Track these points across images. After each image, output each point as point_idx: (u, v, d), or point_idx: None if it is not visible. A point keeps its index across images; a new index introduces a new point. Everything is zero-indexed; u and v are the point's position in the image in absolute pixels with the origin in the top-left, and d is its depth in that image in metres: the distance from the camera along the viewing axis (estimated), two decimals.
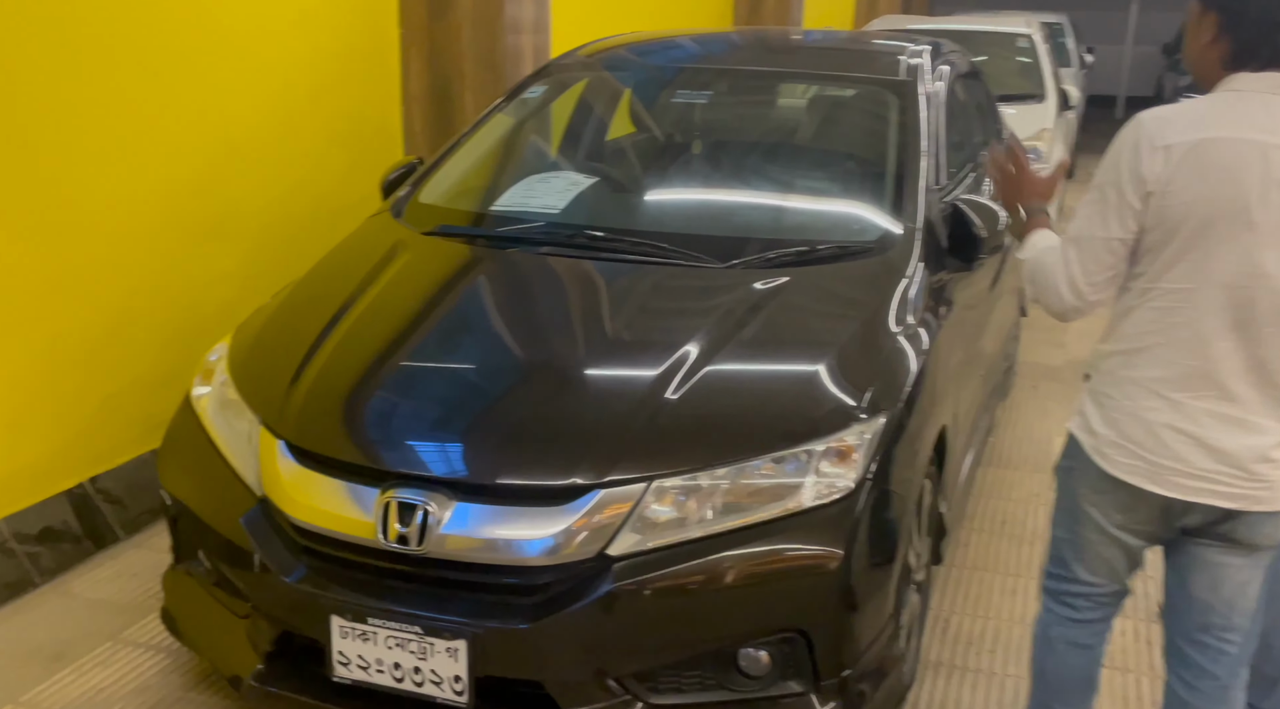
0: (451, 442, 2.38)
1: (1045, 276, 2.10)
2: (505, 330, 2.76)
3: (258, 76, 4.11)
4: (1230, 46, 1.99)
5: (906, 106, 3.41)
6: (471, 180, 3.57)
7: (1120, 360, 2.08)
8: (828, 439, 2.39)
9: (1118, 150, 2.02)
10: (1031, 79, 8.02)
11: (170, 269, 3.77)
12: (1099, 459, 2.11)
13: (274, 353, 2.71)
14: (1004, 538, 3.77)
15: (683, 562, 2.26)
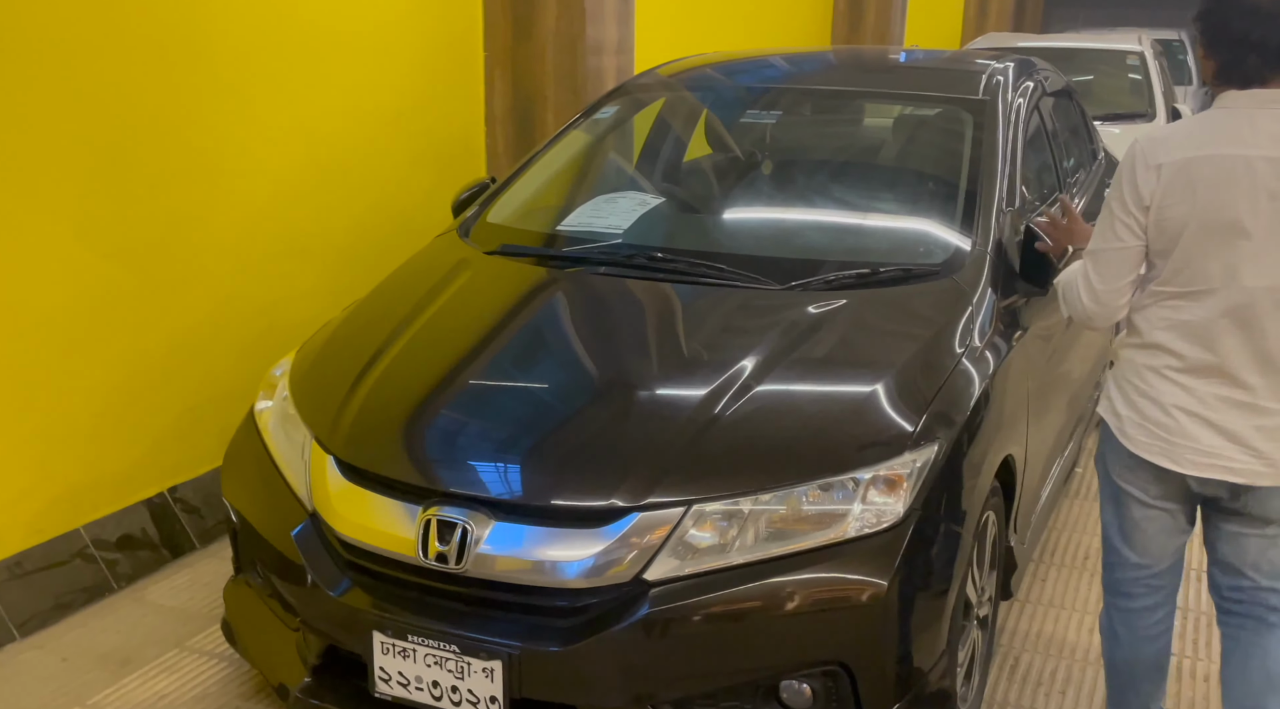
0: (493, 461, 2.38)
1: (1069, 291, 2.37)
2: (553, 350, 2.76)
3: (343, 97, 4.21)
4: (1215, 66, 2.20)
5: (982, 126, 3.32)
6: (540, 200, 3.59)
7: (1138, 350, 2.30)
8: (876, 467, 2.32)
9: (1121, 170, 2.23)
10: (1141, 97, 7.75)
11: (252, 285, 3.87)
12: (1123, 439, 2.33)
13: (331, 369, 2.75)
14: (1084, 573, 3.61)
15: (722, 588, 2.21)
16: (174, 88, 3.47)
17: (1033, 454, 3.11)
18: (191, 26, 3.51)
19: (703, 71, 4.03)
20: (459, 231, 3.39)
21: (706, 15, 7.37)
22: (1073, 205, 2.62)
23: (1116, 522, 2.42)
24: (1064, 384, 3.62)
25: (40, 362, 3.19)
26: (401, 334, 2.79)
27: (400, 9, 4.48)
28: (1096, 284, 2.27)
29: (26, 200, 3.08)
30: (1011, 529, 3.02)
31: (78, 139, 3.19)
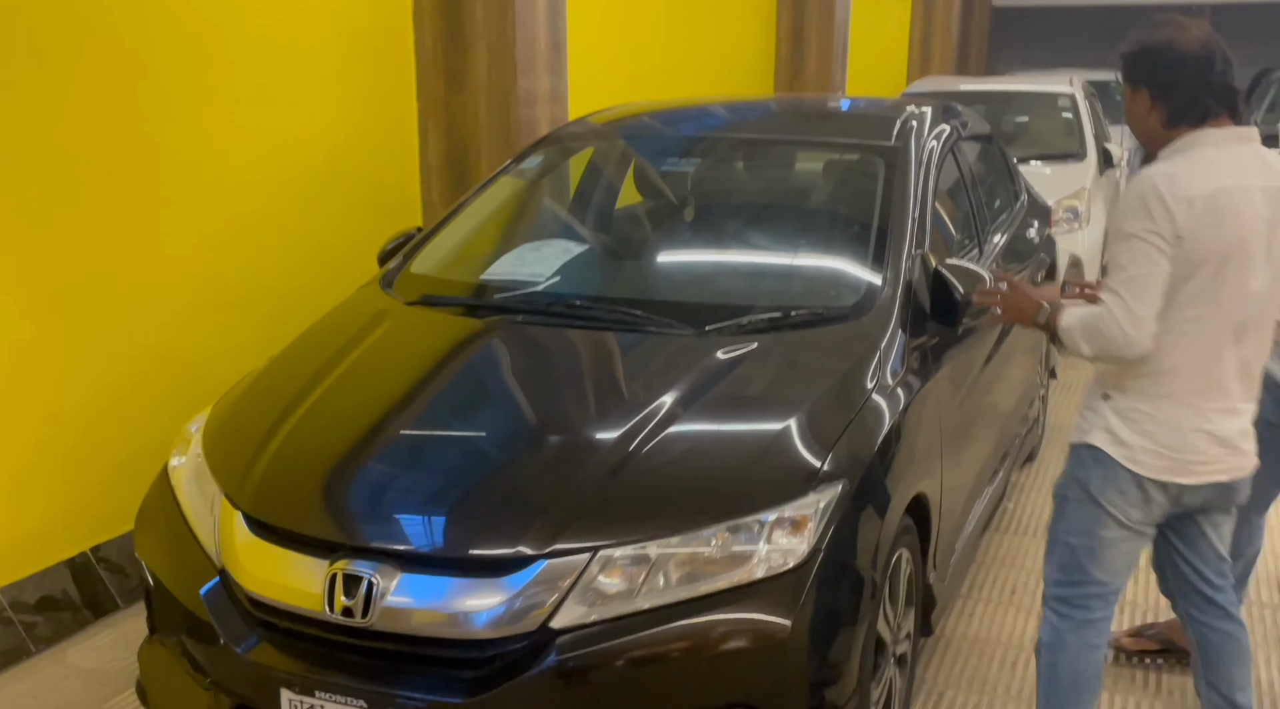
0: (399, 512, 2.38)
1: (1102, 326, 2.37)
2: (463, 400, 2.77)
3: (274, 148, 4.23)
4: (1166, 112, 2.40)
5: (894, 171, 3.39)
6: (465, 250, 3.62)
7: (1150, 381, 2.42)
8: (781, 508, 2.35)
9: (1143, 202, 2.32)
10: (1073, 138, 7.92)
11: (180, 339, 3.86)
12: (1131, 466, 2.46)
13: (243, 424, 2.75)
14: (1010, 608, 3.65)
15: (630, 634, 2.22)
16: (95, 140, 3.48)
17: (950, 491, 3.15)
18: (114, 77, 3.53)
19: (629, 120, 4.09)
20: (381, 282, 3.41)
21: (650, 64, 7.48)
22: (1013, 276, 2.78)
23: (1088, 543, 2.55)
24: (985, 421, 3.67)
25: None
26: (314, 388, 2.79)
27: (331, 61, 4.52)
28: (1138, 310, 2.33)
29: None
30: (930, 566, 3.05)
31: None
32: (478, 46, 4.95)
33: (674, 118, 4.15)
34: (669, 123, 4.09)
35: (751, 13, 9.47)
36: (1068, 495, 2.59)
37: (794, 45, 9.99)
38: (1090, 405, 2.56)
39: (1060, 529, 2.61)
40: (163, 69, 3.71)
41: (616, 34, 6.94)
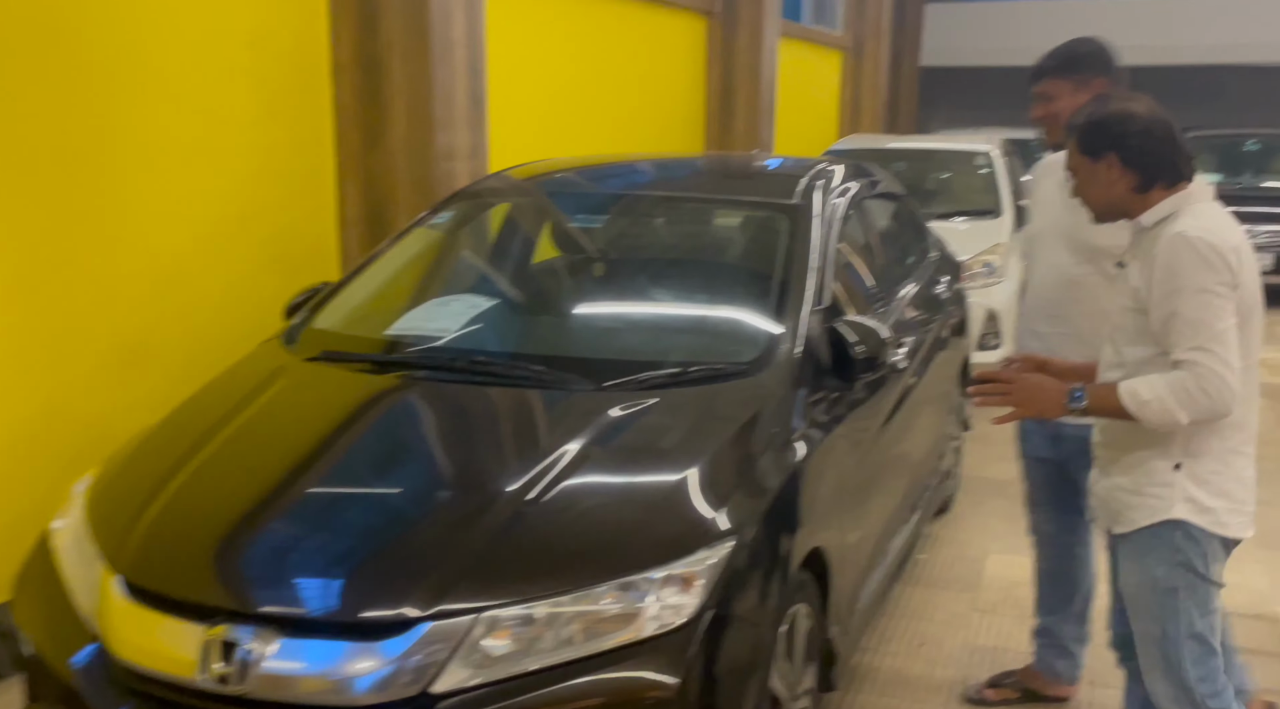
0: (280, 575, 2.34)
1: (1205, 385, 2.29)
2: (353, 459, 2.74)
3: (184, 202, 4.19)
4: (1140, 176, 2.43)
5: (795, 229, 3.44)
6: (372, 304, 3.60)
7: (1218, 438, 2.41)
8: (670, 566, 2.34)
9: (1203, 256, 2.30)
10: (991, 195, 8.11)
11: (77, 397, 3.78)
12: (1220, 530, 2.41)
13: (127, 484, 2.69)
14: (919, 661, 3.66)
15: (515, 696, 2.19)
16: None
17: (852, 545, 3.16)
18: (14, 126, 3.48)
19: (544, 175, 4.12)
20: (284, 337, 3.37)
21: (580, 120, 7.54)
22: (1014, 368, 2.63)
23: (1210, 621, 2.44)
24: (891, 473, 3.70)
25: None
26: (201, 448, 2.74)
27: (246, 116, 4.50)
28: (1234, 361, 2.30)
29: None
30: (831, 620, 3.05)
31: None
32: (396, 102, 4.97)
33: (588, 174, 4.18)
34: (583, 179, 4.13)
35: (683, 71, 9.62)
36: (1177, 586, 2.43)
37: (723, 103, 10.15)
38: (1157, 481, 2.43)
39: (1180, 627, 2.44)
40: (67, 117, 3.66)
41: (546, 91, 7.00)
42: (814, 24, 14.06)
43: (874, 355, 3.10)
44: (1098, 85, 2.97)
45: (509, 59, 6.35)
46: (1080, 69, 3.00)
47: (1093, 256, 3.00)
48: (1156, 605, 2.47)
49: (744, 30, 10.03)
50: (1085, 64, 3.01)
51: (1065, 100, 2.99)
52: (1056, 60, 3.04)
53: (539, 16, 6.83)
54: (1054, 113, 3.02)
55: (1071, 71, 3.00)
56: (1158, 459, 2.43)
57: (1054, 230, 3.09)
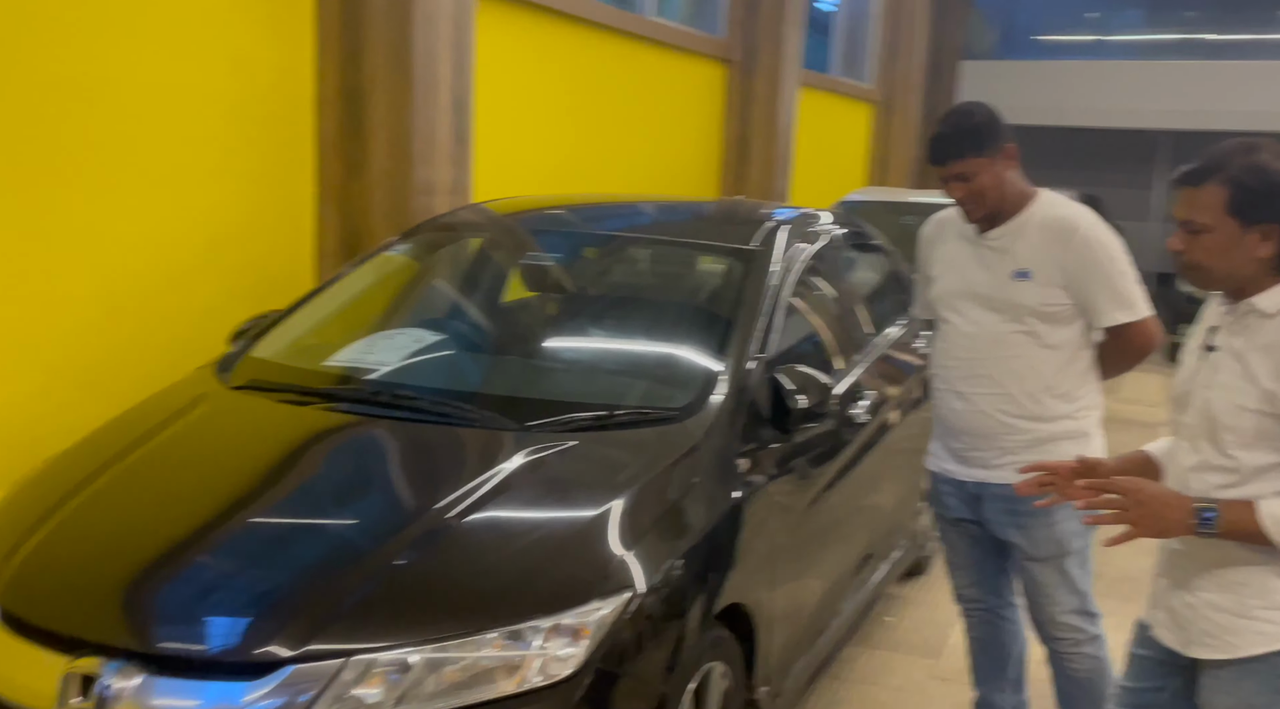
0: (151, 609, 2.26)
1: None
2: (250, 493, 2.65)
3: (150, 227, 4.17)
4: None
5: (746, 276, 3.36)
6: (314, 335, 3.54)
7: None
8: (558, 616, 2.23)
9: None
10: None
11: (19, 419, 3.73)
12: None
13: (20, 509, 2.62)
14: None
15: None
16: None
17: (785, 604, 3.03)
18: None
19: (510, 212, 4.07)
20: (218, 365, 3.31)
21: (586, 162, 7.52)
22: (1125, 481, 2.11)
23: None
24: (844, 531, 3.57)
25: None
26: (100, 475, 2.68)
27: (223, 144, 4.48)
28: None
29: None
30: (759, 681, 2.92)
31: None
32: (378, 135, 4.95)
33: (556, 212, 4.13)
34: (549, 216, 4.07)
35: (699, 118, 9.61)
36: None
37: (739, 151, 10.12)
38: (1271, 602, 2.08)
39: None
40: (29, 132, 3.65)
41: (549, 132, 6.98)
42: (844, 76, 14.03)
43: (815, 406, 2.98)
44: (1008, 151, 2.91)
45: (508, 99, 6.35)
46: (993, 140, 2.89)
47: (1018, 315, 2.93)
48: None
49: (762, 79, 10.02)
50: (992, 134, 2.91)
51: (986, 175, 2.89)
52: (967, 137, 2.88)
53: (544, 59, 6.84)
54: (978, 191, 2.91)
55: (984, 146, 2.88)
56: (1273, 578, 2.08)
57: (967, 290, 3.01)
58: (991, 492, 2.98)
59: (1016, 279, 2.93)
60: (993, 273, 2.97)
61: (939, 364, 3.11)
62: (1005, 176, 2.92)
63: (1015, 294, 2.92)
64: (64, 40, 3.78)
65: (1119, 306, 2.90)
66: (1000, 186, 2.91)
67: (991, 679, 3.27)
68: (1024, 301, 2.91)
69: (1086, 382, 2.99)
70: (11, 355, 3.68)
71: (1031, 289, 2.91)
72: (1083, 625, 3.03)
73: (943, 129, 2.94)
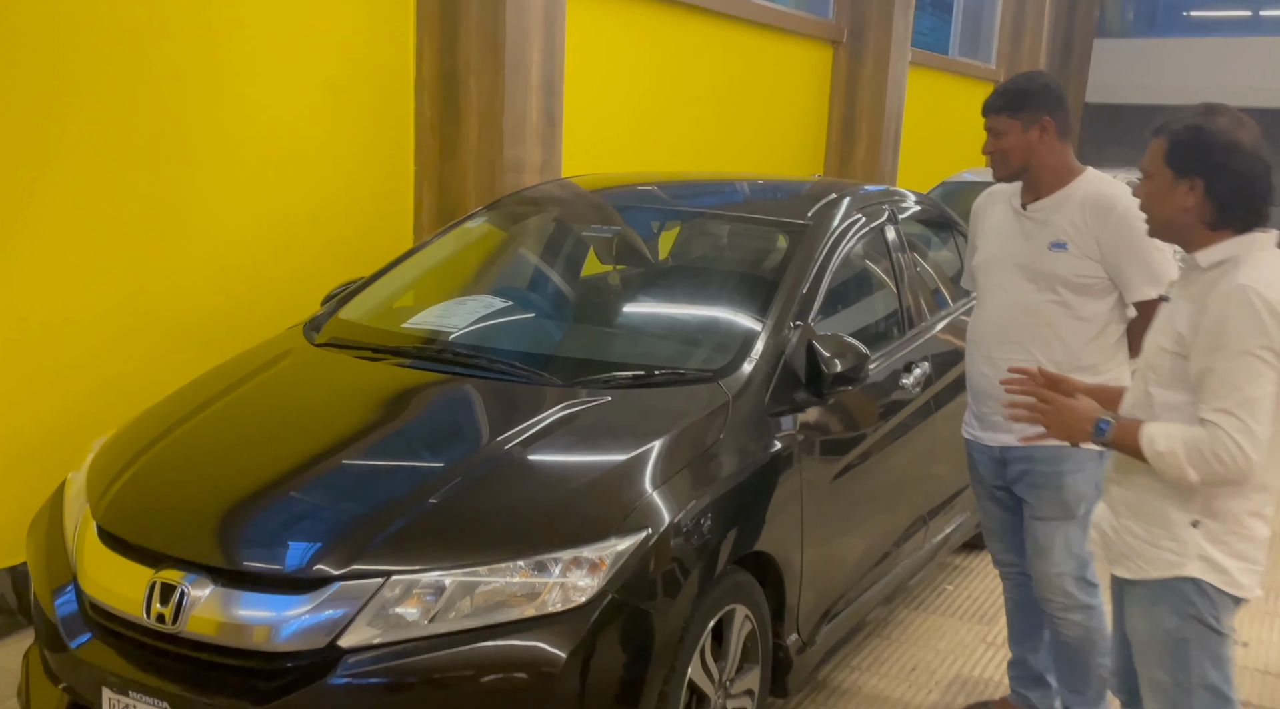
0: (222, 530, 2.56)
1: (1219, 451, 2.19)
2: (312, 430, 2.95)
3: (258, 199, 4.54)
4: (1216, 212, 2.26)
5: (795, 248, 3.51)
6: (394, 301, 3.83)
7: (1242, 501, 2.30)
8: (579, 549, 2.46)
9: (1257, 317, 2.17)
10: None
11: (145, 372, 4.13)
12: (1233, 589, 2.33)
13: (124, 442, 2.98)
14: (903, 684, 3.63)
15: (414, 657, 2.34)
16: (84, 185, 3.81)
17: (818, 559, 3.18)
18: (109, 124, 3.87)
19: (572, 188, 4.31)
20: (307, 324, 3.63)
21: (686, 143, 7.70)
22: (1058, 387, 2.45)
23: (1224, 671, 2.38)
24: (892, 497, 3.70)
25: None
26: (194, 416, 3.01)
27: (328, 125, 4.83)
28: (1259, 432, 2.18)
29: None
30: (791, 628, 3.09)
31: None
32: (471, 117, 5.24)
33: (625, 189, 4.34)
34: (616, 193, 4.28)
35: (805, 99, 9.68)
36: (1189, 637, 2.36)
37: (845, 132, 10.15)
38: (1174, 536, 2.34)
39: (1190, 678, 2.37)
40: (154, 118, 4.04)
41: (649, 114, 7.17)
42: (965, 57, 13.84)
43: (849, 371, 3.12)
44: (1045, 123, 2.99)
45: (606, 81, 6.58)
46: (1027, 106, 2.99)
47: (1051, 284, 3.01)
48: (1168, 656, 2.38)
49: (870, 60, 10.01)
50: (1032, 101, 2.99)
51: (1013, 138, 3.00)
52: (1005, 97, 3.02)
53: (644, 42, 7.03)
54: (1002, 149, 3.03)
55: (1019, 109, 2.99)
56: (1176, 513, 2.33)
57: (1007, 259, 3.11)
58: (1014, 454, 3.09)
59: (1053, 250, 3.01)
60: (1032, 243, 3.05)
61: (974, 331, 3.22)
62: (1037, 146, 3.00)
63: (1051, 264, 3.01)
64: (192, 37, 4.17)
65: (1150, 282, 2.96)
66: (1026, 153, 3.00)
67: (1026, 640, 3.36)
68: (1058, 271, 3.00)
69: (1114, 356, 3.05)
70: (137, 318, 4.09)
71: (1066, 260, 2.99)
72: (1075, 592, 3.09)
73: (998, 86, 3.08)
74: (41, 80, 3.68)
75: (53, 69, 3.71)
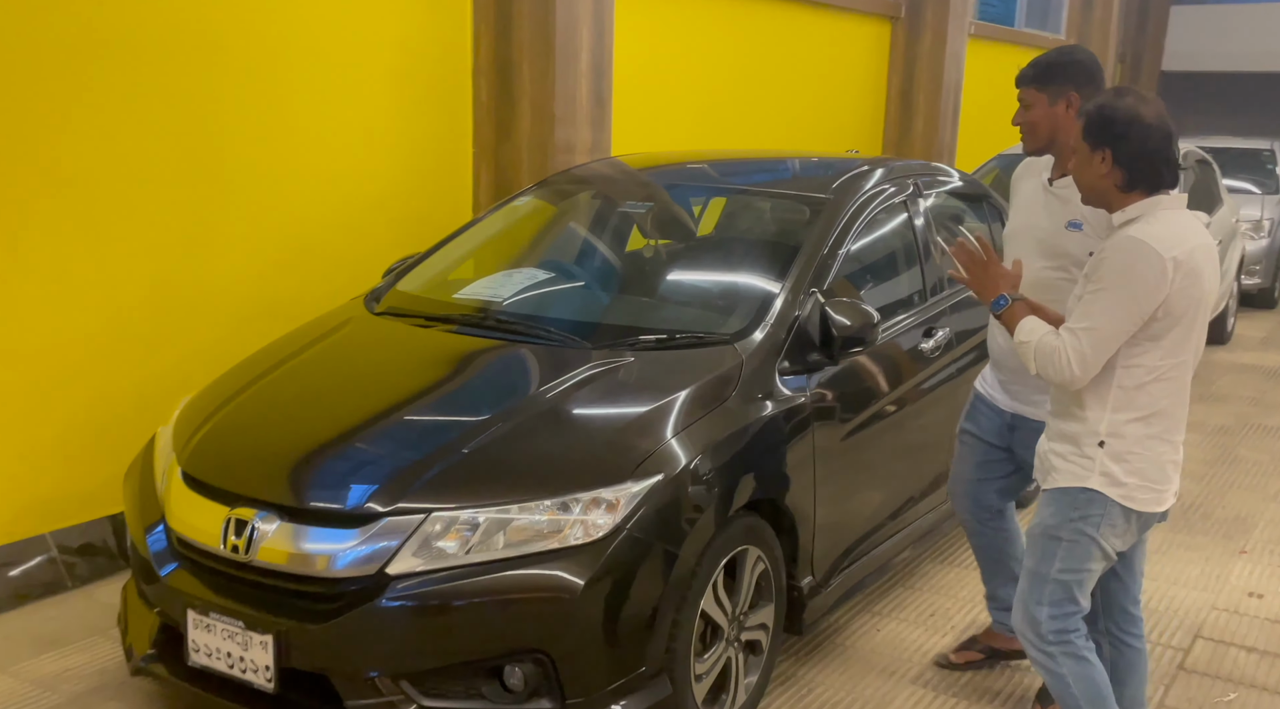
0: (284, 472, 2.92)
1: (1056, 358, 2.63)
2: (366, 385, 3.31)
3: (328, 183, 4.92)
4: (1126, 176, 2.62)
5: (816, 220, 3.76)
6: (449, 273, 4.17)
7: (1143, 424, 2.67)
8: (597, 491, 2.76)
9: (1131, 263, 2.54)
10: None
11: (227, 341, 4.52)
12: (1128, 502, 2.70)
13: (207, 398, 3.37)
14: (920, 629, 3.88)
15: (451, 583, 2.67)
16: (167, 171, 4.21)
17: (831, 508, 3.44)
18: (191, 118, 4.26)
19: (616, 167, 4.60)
20: (368, 296, 3.99)
21: (739, 121, 7.92)
22: (992, 256, 2.82)
23: (1079, 577, 2.75)
24: (909, 454, 3.94)
25: (18, 396, 3.90)
26: (267, 375, 3.39)
27: (390, 111, 5.18)
28: (1091, 357, 2.57)
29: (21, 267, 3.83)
30: (801, 571, 3.36)
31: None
32: (523, 102, 5.56)
33: (660, 167, 4.62)
34: (653, 171, 4.56)
35: (862, 75, 9.82)
36: (1061, 536, 2.74)
37: (903, 107, 10.26)
38: (1083, 452, 2.71)
39: (1051, 568, 2.76)
40: (231, 114, 4.43)
41: (701, 93, 7.42)
42: (1030, 28, 13.78)
43: (858, 333, 3.37)
44: (1073, 99, 3.08)
45: (656, 63, 6.84)
46: (1055, 80, 3.10)
47: (1063, 262, 3.11)
48: (1038, 545, 2.80)
49: (928, 34, 10.10)
50: (1060, 76, 3.10)
51: (1039, 110, 3.12)
52: (1035, 70, 3.14)
53: (696, 23, 7.28)
54: (1030, 121, 3.15)
55: (1046, 82, 3.11)
56: (1086, 435, 2.71)
57: (1028, 232, 3.24)
58: (1029, 425, 3.25)
59: (1070, 228, 3.11)
60: (1053, 219, 3.16)
61: None
62: (1062, 120, 3.09)
63: (1066, 242, 3.11)
64: (271, 36, 4.55)
65: None
66: (1052, 126, 3.11)
67: (995, 576, 3.58)
68: (1072, 250, 3.10)
69: None
70: (219, 293, 4.49)
71: (1080, 239, 3.09)
72: None
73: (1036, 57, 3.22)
74: (138, 82, 4.08)
75: (145, 73, 4.11)
